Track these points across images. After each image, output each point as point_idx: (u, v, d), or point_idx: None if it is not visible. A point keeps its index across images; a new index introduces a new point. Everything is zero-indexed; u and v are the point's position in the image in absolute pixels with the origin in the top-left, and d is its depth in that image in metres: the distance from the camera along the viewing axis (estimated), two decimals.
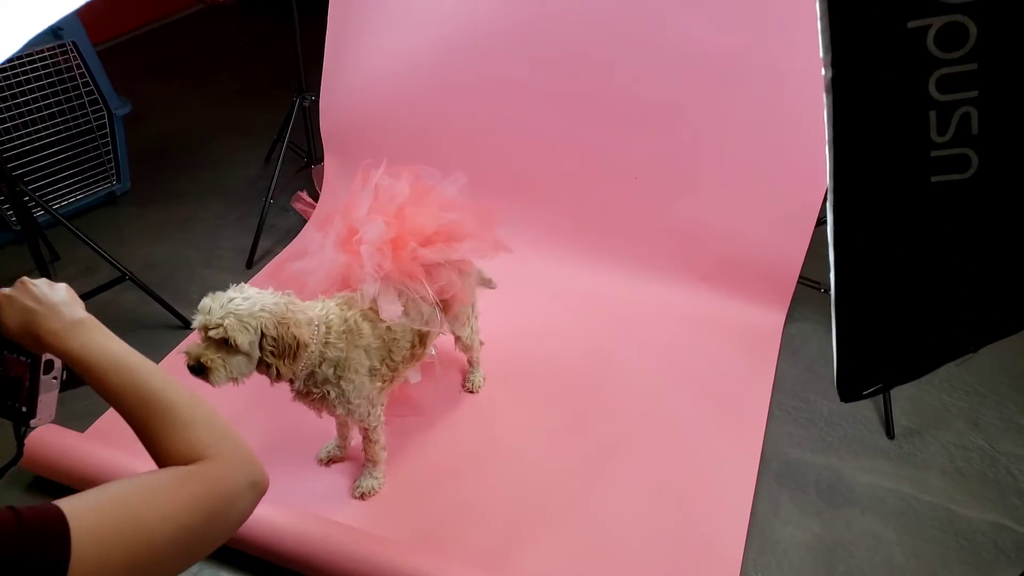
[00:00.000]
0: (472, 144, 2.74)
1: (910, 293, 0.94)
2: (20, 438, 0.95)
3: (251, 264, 2.80)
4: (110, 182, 3.10)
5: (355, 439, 2.03)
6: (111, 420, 2.02)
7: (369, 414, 1.82)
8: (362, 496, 1.92)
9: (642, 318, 2.54)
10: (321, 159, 3.06)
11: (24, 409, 0.92)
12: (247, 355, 1.52)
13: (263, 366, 1.57)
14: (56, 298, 0.90)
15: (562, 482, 1.99)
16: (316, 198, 2.95)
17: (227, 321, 1.49)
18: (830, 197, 0.91)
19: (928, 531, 1.88)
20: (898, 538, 1.87)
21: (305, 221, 2.93)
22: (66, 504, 0.67)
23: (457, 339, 2.13)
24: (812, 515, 1.92)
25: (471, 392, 2.25)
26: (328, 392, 1.71)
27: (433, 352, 2.07)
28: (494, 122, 2.74)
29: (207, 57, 4.56)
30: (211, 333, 1.49)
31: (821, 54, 0.86)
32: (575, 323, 2.52)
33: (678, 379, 2.31)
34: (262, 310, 1.54)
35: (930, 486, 2.00)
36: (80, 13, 2.28)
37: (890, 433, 2.14)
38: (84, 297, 0.95)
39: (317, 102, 2.95)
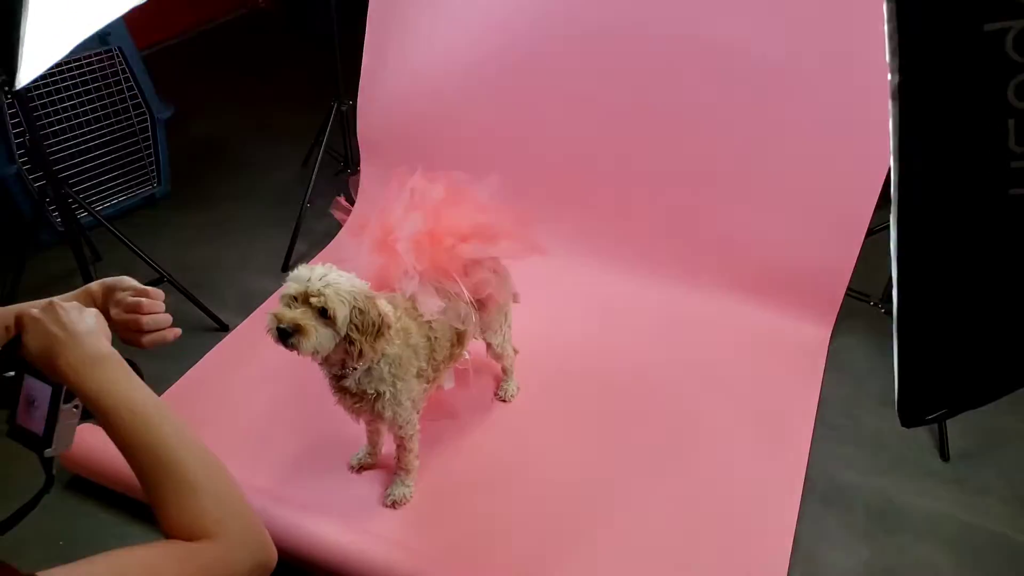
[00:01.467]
0: (509, 150, 2.70)
1: (981, 313, 0.87)
2: (46, 467, 0.89)
3: (287, 267, 2.80)
4: (151, 185, 3.13)
5: (385, 446, 2.00)
6: None
7: (410, 419, 1.80)
8: (393, 504, 1.89)
9: (682, 329, 2.47)
10: (357, 164, 3.05)
11: (41, 437, 0.87)
12: (335, 330, 1.53)
13: (346, 343, 1.56)
14: (82, 327, 0.85)
15: (596, 498, 1.93)
16: (352, 204, 2.95)
17: (328, 291, 1.50)
18: (894, 210, 0.85)
19: (987, 559, 1.79)
20: (954, 567, 1.77)
21: (340, 226, 2.92)
22: None
23: (489, 346, 2.10)
24: (861, 539, 1.84)
25: (504, 401, 2.21)
26: (383, 392, 1.69)
27: (467, 356, 2.04)
28: (532, 128, 2.70)
29: (246, 62, 4.60)
30: (313, 301, 1.50)
31: (887, 59, 0.80)
32: (612, 333, 2.47)
33: (719, 393, 2.24)
34: (353, 287, 1.55)
35: (988, 512, 1.90)
36: (126, 18, 2.30)
37: (945, 455, 2.04)
38: None
39: (354, 107, 2.94)
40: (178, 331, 1.06)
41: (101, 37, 2.72)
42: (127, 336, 1.03)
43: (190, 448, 0.79)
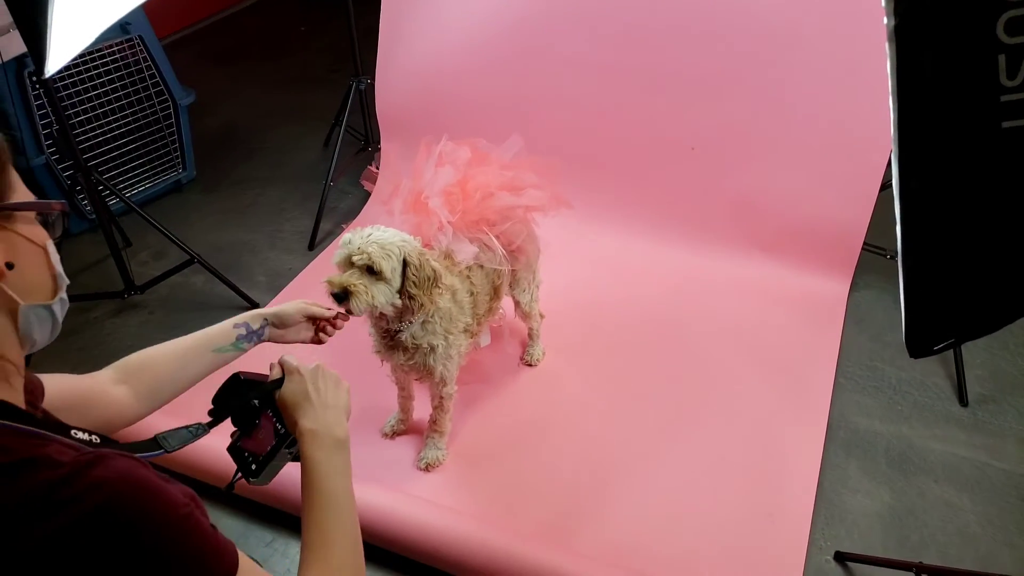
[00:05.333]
0: (528, 119, 2.73)
1: (981, 244, 0.91)
2: (230, 486, 1.01)
3: (313, 246, 2.86)
4: (176, 170, 3.20)
5: (416, 412, 2.07)
6: None
7: (453, 376, 1.87)
8: (427, 467, 1.96)
9: (703, 289, 2.52)
10: (378, 141, 3.10)
11: (254, 467, 0.98)
12: (388, 283, 1.58)
13: (406, 299, 1.63)
14: (332, 401, 0.99)
15: (624, 453, 1.99)
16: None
17: (371, 248, 1.56)
18: (894, 148, 0.89)
19: (1005, 499, 1.83)
20: (973, 507, 1.82)
21: (364, 203, 2.99)
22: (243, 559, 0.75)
23: (517, 305, 2.16)
24: (882, 484, 1.89)
25: (530, 365, 2.26)
26: (436, 346, 1.76)
27: (502, 311, 2.11)
28: (550, 96, 2.73)
29: (264, 47, 4.66)
30: (355, 259, 1.56)
31: (883, 3, 0.84)
32: (635, 295, 2.51)
33: (740, 349, 2.29)
34: (403, 241, 1.61)
35: (1006, 454, 1.94)
36: (145, 8, 2.37)
37: (963, 401, 2.08)
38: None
39: (373, 85, 2.99)
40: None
41: (122, 26, 2.78)
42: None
43: (348, 539, 0.91)
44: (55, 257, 0.80)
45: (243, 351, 1.23)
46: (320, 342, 1.36)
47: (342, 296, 1.55)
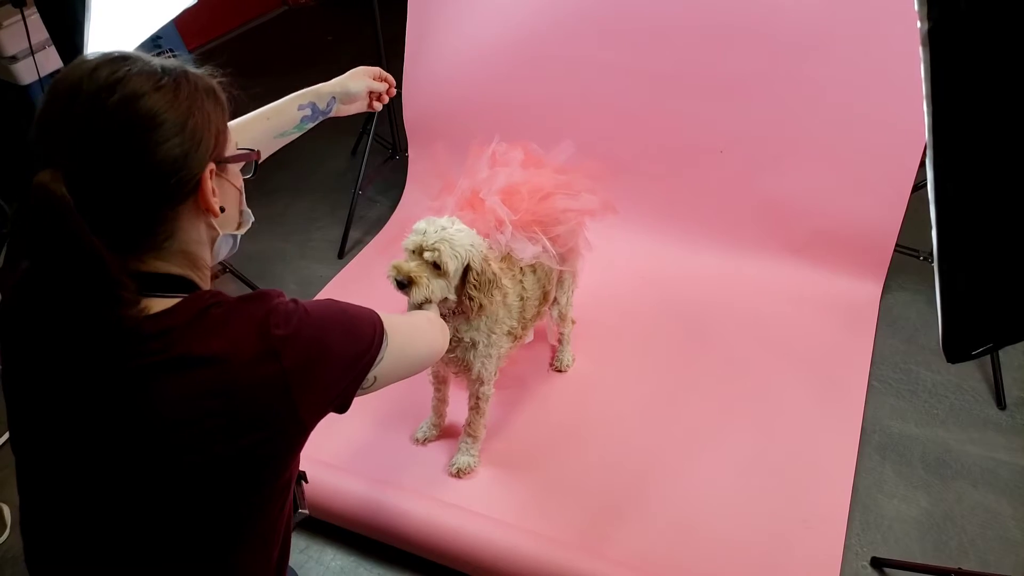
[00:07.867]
0: (556, 124, 2.73)
1: (1018, 248, 0.90)
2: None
3: (343, 254, 2.89)
4: None
5: (448, 418, 2.08)
6: None
7: (491, 378, 1.87)
8: (458, 473, 1.96)
9: (735, 292, 2.50)
10: (405, 150, 3.12)
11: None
12: (449, 280, 1.62)
13: (465, 299, 1.66)
14: None
15: (657, 458, 1.99)
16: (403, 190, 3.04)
17: (442, 247, 1.60)
18: (929, 152, 0.88)
19: None
20: (1013, 511, 1.79)
21: (393, 211, 3.02)
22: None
23: (554, 302, 2.15)
24: (919, 488, 1.86)
25: (559, 371, 2.27)
26: (478, 342, 1.77)
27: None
28: (577, 102, 2.73)
29: (291, 57, 4.71)
30: (426, 255, 1.60)
31: (916, 7, 0.83)
32: (664, 299, 2.51)
33: (773, 353, 2.27)
34: (472, 245, 1.64)
35: None
36: (176, 22, 2.41)
37: (1001, 404, 2.05)
38: None
39: (400, 93, 3.00)
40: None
41: (154, 40, 2.84)
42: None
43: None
44: (243, 197, 0.99)
45: (305, 130, 1.34)
46: (374, 110, 1.53)
47: (404, 284, 1.59)
